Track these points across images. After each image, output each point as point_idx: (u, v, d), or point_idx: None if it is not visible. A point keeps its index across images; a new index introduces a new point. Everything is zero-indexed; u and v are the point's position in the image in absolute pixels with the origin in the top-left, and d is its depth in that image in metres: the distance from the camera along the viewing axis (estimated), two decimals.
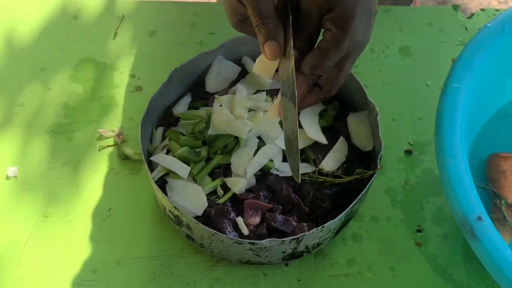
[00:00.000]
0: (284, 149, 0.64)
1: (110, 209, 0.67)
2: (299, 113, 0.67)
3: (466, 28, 0.82)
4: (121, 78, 0.77)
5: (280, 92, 0.53)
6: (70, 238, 0.65)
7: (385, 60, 0.79)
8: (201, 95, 0.70)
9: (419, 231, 0.67)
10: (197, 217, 0.61)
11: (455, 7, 0.84)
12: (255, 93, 0.69)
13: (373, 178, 0.60)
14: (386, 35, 0.81)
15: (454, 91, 0.58)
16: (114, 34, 0.81)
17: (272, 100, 0.68)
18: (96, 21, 0.83)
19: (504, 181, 0.67)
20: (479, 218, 0.51)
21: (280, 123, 0.64)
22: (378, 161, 0.62)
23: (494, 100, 0.71)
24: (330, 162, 0.65)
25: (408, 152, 0.72)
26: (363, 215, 0.68)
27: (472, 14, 0.84)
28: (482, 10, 0.84)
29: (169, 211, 0.61)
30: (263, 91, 0.69)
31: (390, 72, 0.78)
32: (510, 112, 0.72)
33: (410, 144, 0.73)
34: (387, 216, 0.68)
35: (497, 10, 0.84)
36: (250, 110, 0.66)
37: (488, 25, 0.62)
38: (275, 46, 0.50)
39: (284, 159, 0.64)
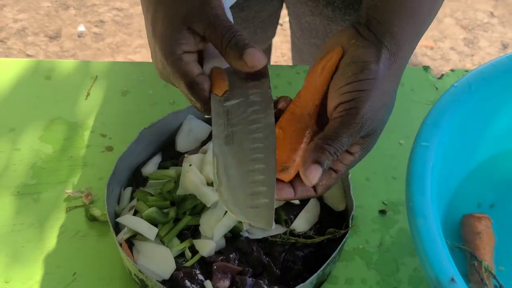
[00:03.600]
0: None
1: (75, 273, 0.65)
2: None
3: (436, 88, 0.83)
4: (92, 138, 0.76)
5: None
6: None
7: None
8: (171, 155, 0.70)
9: None
10: (164, 281, 0.59)
11: (426, 68, 0.86)
12: None
13: (345, 238, 0.59)
14: None
15: (423, 149, 0.58)
16: (87, 94, 0.81)
17: None
18: (69, 81, 0.82)
19: (479, 242, 0.66)
20: (452, 280, 0.50)
21: None
22: (350, 220, 0.60)
23: (467, 160, 0.71)
24: (302, 223, 0.63)
25: (382, 212, 0.71)
26: (337, 278, 0.65)
27: (442, 75, 0.85)
28: (452, 70, 0.85)
29: (135, 274, 0.59)
30: None
31: None
32: (483, 172, 0.72)
33: (384, 203, 0.72)
34: (362, 279, 0.66)
35: (466, 71, 0.85)
36: None
37: (455, 84, 0.62)
38: (256, 51, 0.47)
39: None
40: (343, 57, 0.48)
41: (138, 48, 1.96)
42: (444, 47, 2.02)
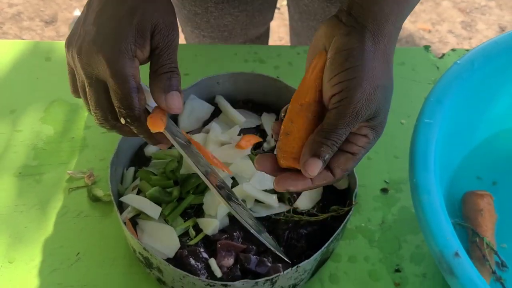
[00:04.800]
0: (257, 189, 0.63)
1: (78, 253, 0.65)
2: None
3: (437, 68, 0.83)
4: (93, 119, 0.75)
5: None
6: (36, 284, 0.62)
7: None
8: None
9: (397, 271, 0.65)
10: (168, 259, 0.59)
11: (426, 48, 0.86)
12: None
13: (348, 215, 0.59)
14: None
15: (427, 126, 0.58)
16: None
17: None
18: None
19: (481, 220, 0.66)
20: (456, 254, 0.50)
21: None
22: (354, 198, 0.61)
23: (469, 137, 0.71)
24: (305, 201, 0.63)
25: (384, 191, 0.71)
26: (340, 256, 0.66)
27: (443, 54, 0.85)
28: (453, 50, 0.85)
29: (139, 253, 0.59)
30: None
31: None
32: (484, 150, 0.72)
33: (386, 182, 0.72)
34: (365, 256, 0.66)
35: (467, 50, 0.85)
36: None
37: (458, 62, 0.62)
38: (180, 97, 0.49)
39: (257, 200, 0.63)
40: (329, 49, 0.48)
41: None
42: (442, 30, 2.01)
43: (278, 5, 1.91)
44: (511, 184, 0.70)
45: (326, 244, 0.57)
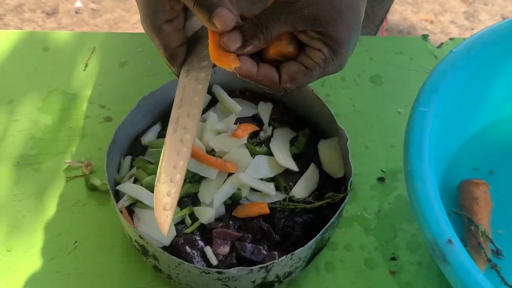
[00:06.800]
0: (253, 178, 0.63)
1: (76, 241, 0.65)
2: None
3: (435, 57, 0.83)
4: (90, 109, 0.76)
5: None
6: (34, 272, 0.63)
7: (357, 89, 0.80)
8: None
9: (393, 259, 0.65)
10: (165, 248, 0.59)
11: (424, 37, 0.85)
12: None
13: (344, 203, 0.59)
14: (357, 64, 0.82)
15: (422, 115, 0.58)
16: (85, 65, 0.81)
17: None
18: (67, 53, 0.82)
19: (477, 208, 0.66)
20: (449, 241, 0.50)
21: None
22: (349, 185, 0.61)
23: (465, 126, 0.71)
24: (301, 189, 0.64)
25: (381, 180, 0.72)
26: (336, 244, 0.66)
27: (442, 43, 0.85)
28: (451, 39, 0.85)
29: (135, 241, 0.59)
30: None
31: (362, 100, 0.78)
32: (481, 139, 0.72)
33: (383, 171, 0.72)
34: (361, 245, 0.66)
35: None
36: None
37: (454, 50, 0.62)
38: (226, 12, 0.45)
39: (253, 188, 0.63)
40: None
41: (137, 24, 1.95)
42: (444, 20, 2.00)
43: None
44: (507, 173, 0.70)
45: (321, 232, 0.58)
